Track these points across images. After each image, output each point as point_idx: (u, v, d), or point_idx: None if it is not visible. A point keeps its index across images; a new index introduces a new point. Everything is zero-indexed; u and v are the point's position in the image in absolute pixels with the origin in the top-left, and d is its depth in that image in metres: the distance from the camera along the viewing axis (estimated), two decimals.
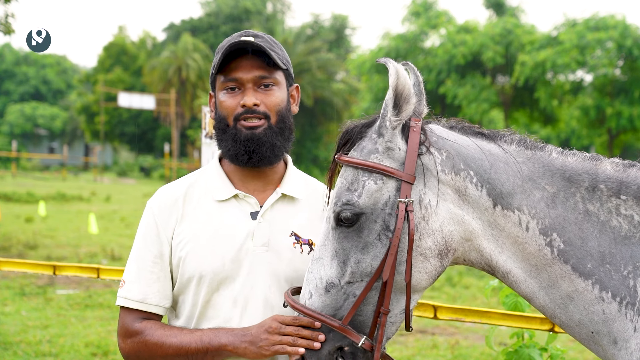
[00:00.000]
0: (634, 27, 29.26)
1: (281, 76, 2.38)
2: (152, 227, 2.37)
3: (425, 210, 1.98)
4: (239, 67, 2.32)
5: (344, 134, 2.10)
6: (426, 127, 2.05)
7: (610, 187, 1.96)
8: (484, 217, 1.99)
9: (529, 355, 3.60)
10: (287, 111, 2.40)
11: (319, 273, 2.03)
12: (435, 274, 2.03)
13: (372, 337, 2.01)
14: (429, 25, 34.13)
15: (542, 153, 2.03)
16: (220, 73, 2.36)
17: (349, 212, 1.98)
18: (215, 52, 2.42)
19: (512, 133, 2.10)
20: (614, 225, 1.95)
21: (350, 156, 2.04)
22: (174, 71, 49.76)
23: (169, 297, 2.36)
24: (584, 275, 1.94)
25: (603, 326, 1.94)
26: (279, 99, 2.35)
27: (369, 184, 1.99)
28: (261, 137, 2.32)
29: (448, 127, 2.10)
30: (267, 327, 2.14)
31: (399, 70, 1.95)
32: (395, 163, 2.00)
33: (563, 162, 2.01)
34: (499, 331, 7.15)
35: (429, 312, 3.48)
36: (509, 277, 2.02)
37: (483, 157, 2.01)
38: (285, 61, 2.38)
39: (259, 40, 2.33)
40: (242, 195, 2.38)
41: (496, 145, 2.05)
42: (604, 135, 32.79)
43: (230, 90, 2.34)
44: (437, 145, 2.02)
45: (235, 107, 2.33)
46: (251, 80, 2.32)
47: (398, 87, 1.96)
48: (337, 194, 2.03)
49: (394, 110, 1.97)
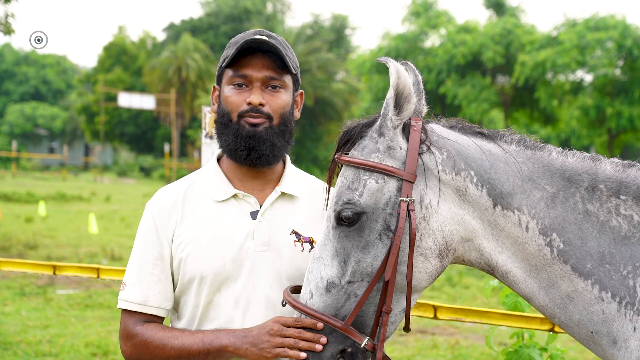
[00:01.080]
0: (634, 27, 29.25)
1: (289, 80, 2.38)
2: (151, 229, 2.36)
3: (426, 210, 1.97)
4: (250, 64, 2.32)
5: (344, 134, 2.10)
6: (427, 127, 2.05)
7: (609, 187, 1.96)
8: (484, 217, 1.99)
9: (529, 355, 3.60)
10: (290, 115, 2.40)
11: (319, 272, 2.03)
12: (435, 274, 2.03)
13: (373, 337, 2.01)
14: (429, 25, 34.12)
15: (541, 153, 2.03)
16: (229, 67, 2.35)
17: (350, 211, 1.98)
18: (225, 46, 2.41)
19: (512, 133, 2.10)
20: (613, 225, 1.94)
21: (351, 156, 2.04)
22: (174, 71, 49.77)
23: (170, 299, 2.36)
24: (584, 275, 1.94)
25: (602, 326, 1.94)
26: (284, 102, 2.35)
27: (370, 183, 1.99)
28: (262, 135, 2.31)
29: (448, 126, 2.10)
30: (269, 329, 2.13)
31: (400, 70, 1.95)
32: (396, 162, 1.99)
33: (563, 162, 2.01)
34: (499, 331, 7.16)
35: (429, 312, 3.48)
36: (508, 277, 2.02)
37: (483, 157, 2.01)
38: (295, 66, 2.38)
39: (273, 41, 2.32)
40: (242, 195, 2.37)
41: (496, 145, 2.05)
42: (604, 135, 32.78)
43: (238, 87, 2.34)
44: (437, 145, 2.01)
45: (240, 104, 2.32)
46: (260, 79, 2.32)
47: (399, 87, 1.95)
48: (338, 193, 2.03)
49: (395, 109, 1.97)
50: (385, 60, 2.01)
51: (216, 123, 2.41)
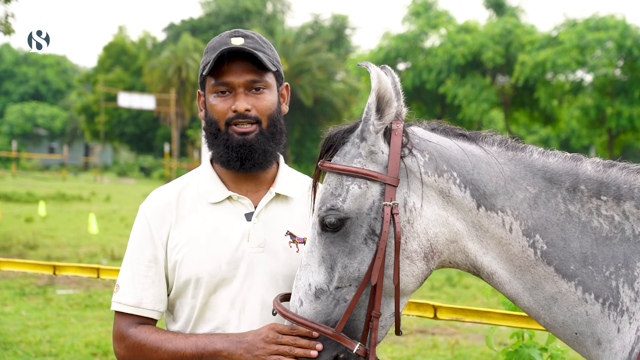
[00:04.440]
0: (634, 27, 29.28)
1: (272, 78, 2.37)
2: (145, 231, 2.36)
3: (410, 213, 1.97)
4: (230, 71, 2.31)
5: (326, 141, 2.09)
6: (408, 130, 2.05)
7: (590, 187, 1.96)
8: (468, 218, 1.99)
9: (529, 355, 3.60)
10: (278, 114, 2.39)
11: (307, 279, 2.03)
12: (422, 277, 2.03)
13: (364, 341, 2.01)
14: (429, 25, 34.15)
15: (523, 154, 2.03)
16: (210, 75, 2.34)
17: (333, 217, 1.98)
18: (204, 51, 2.40)
19: (494, 134, 2.09)
20: (595, 226, 1.94)
21: (334, 162, 2.03)
22: (174, 71, 49.76)
23: (164, 301, 2.36)
24: (567, 277, 1.94)
25: (587, 327, 1.94)
26: (270, 102, 2.35)
27: (352, 188, 1.98)
28: (253, 144, 2.31)
29: (430, 129, 2.10)
30: (264, 336, 2.12)
31: (380, 75, 1.95)
32: (378, 167, 1.99)
33: (544, 163, 2.01)
34: (499, 331, 7.15)
35: (429, 312, 3.48)
36: (493, 278, 2.02)
37: (465, 158, 2.01)
38: (275, 62, 2.38)
39: (249, 42, 2.31)
40: (236, 197, 2.37)
41: (478, 146, 2.05)
42: (604, 135, 32.81)
43: (221, 94, 2.33)
44: (419, 147, 2.01)
45: (226, 112, 2.31)
46: (242, 84, 2.31)
47: (380, 91, 1.95)
48: (322, 199, 2.03)
49: (377, 114, 1.97)
50: (365, 64, 2.00)
51: (205, 132, 2.40)
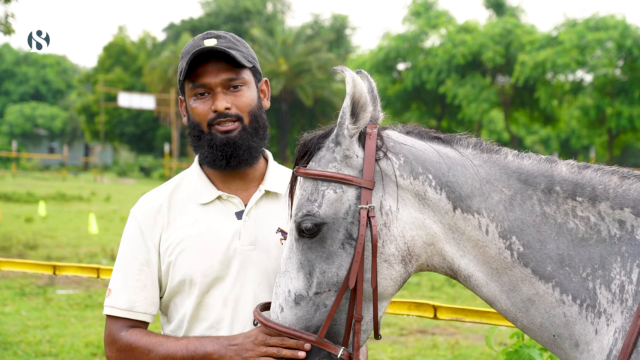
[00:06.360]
0: (634, 27, 29.30)
1: (249, 74, 2.38)
2: (137, 234, 2.37)
3: (387, 216, 1.97)
4: (206, 72, 2.32)
5: (301, 147, 2.09)
6: (382, 133, 2.05)
7: (565, 189, 1.96)
8: (444, 220, 1.99)
9: (529, 355, 3.60)
10: (259, 109, 2.41)
11: (286, 286, 2.03)
12: (400, 281, 2.03)
13: (346, 345, 2.01)
14: (429, 25, 34.16)
15: (497, 156, 2.03)
16: (187, 79, 2.36)
17: (309, 222, 1.97)
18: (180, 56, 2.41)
19: (468, 136, 2.10)
20: (570, 228, 1.94)
21: (309, 167, 2.03)
22: (174, 71, 49.69)
23: (156, 304, 2.38)
24: (544, 278, 1.94)
25: (564, 329, 1.93)
26: (249, 98, 2.36)
27: (328, 193, 1.98)
28: (237, 141, 2.33)
29: (405, 132, 2.10)
30: (254, 339, 2.14)
31: (356, 79, 1.95)
32: (353, 171, 1.99)
33: (519, 165, 2.01)
34: (499, 331, 7.15)
35: (429, 312, 3.48)
36: (470, 281, 2.02)
37: (441, 161, 2.01)
38: (250, 58, 2.39)
39: (222, 42, 2.33)
40: (226, 196, 2.39)
41: (453, 148, 2.05)
42: (604, 135, 32.84)
43: (200, 96, 2.35)
44: (394, 150, 2.01)
45: (207, 113, 2.33)
46: (219, 84, 2.32)
47: (355, 95, 1.95)
48: (298, 205, 2.02)
49: (352, 118, 1.97)
50: (340, 69, 2.01)
51: (189, 136, 2.42)
